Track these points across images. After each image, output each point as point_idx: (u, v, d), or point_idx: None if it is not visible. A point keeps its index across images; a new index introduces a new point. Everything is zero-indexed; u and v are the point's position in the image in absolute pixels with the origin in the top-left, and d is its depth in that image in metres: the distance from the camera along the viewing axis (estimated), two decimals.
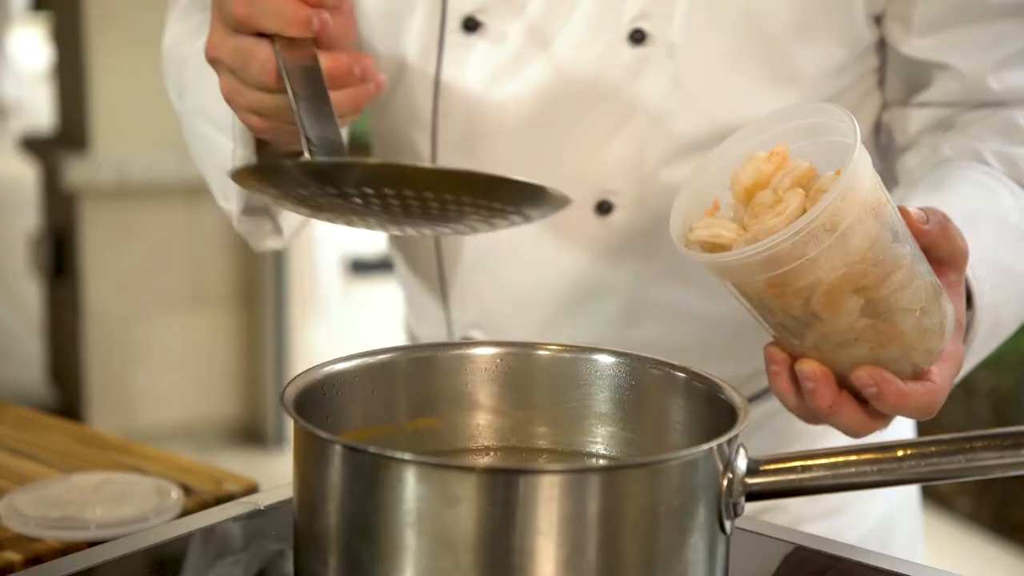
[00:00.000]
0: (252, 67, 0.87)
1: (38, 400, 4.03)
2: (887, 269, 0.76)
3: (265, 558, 0.84)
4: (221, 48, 0.89)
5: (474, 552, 0.65)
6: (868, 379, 0.79)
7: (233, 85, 0.90)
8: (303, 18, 0.85)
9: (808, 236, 0.74)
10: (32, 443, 1.14)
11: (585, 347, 0.83)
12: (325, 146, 0.84)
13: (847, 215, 0.74)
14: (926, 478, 0.73)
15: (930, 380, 0.81)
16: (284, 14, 0.85)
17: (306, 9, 0.85)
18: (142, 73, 3.53)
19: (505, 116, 1.02)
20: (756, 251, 0.75)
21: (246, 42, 0.87)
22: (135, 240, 3.76)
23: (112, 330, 3.78)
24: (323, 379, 0.78)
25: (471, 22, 1.02)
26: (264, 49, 0.87)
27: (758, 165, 0.79)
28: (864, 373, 0.79)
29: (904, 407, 0.80)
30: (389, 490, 0.65)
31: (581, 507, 0.65)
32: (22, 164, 5.37)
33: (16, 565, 0.91)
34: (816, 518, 1.12)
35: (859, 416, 0.81)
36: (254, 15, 0.86)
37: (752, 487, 0.72)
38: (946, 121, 1.06)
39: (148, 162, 3.67)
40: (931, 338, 0.80)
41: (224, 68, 0.90)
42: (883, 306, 0.77)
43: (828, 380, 0.80)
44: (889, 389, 0.79)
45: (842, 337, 0.78)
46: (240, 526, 0.87)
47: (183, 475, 1.06)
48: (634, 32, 1.00)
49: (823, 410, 0.80)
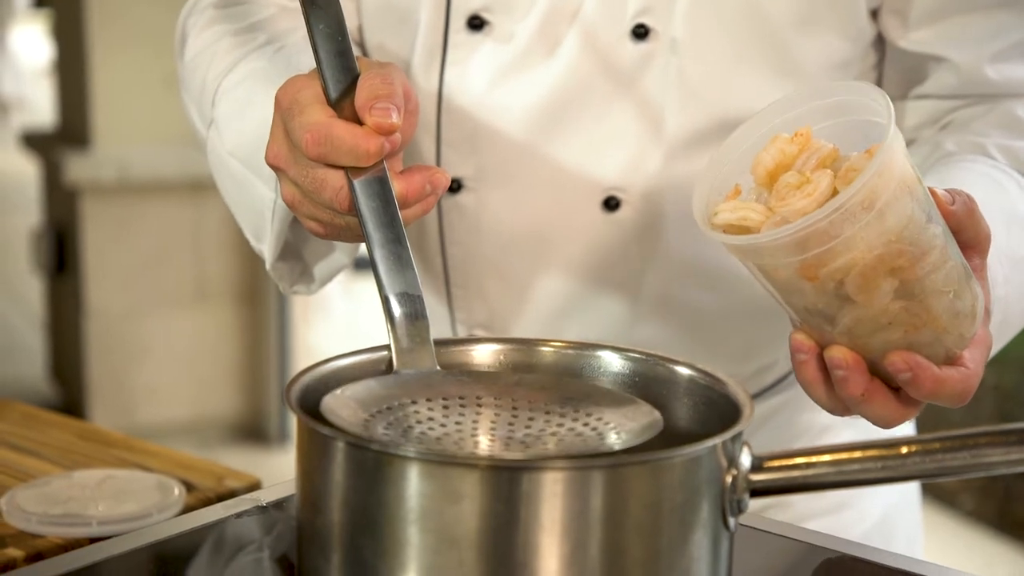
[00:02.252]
0: (324, 194, 0.83)
1: (40, 397, 4.04)
2: (922, 249, 0.75)
3: (267, 555, 0.84)
4: (288, 166, 0.85)
5: (477, 548, 0.65)
6: (902, 364, 0.76)
7: (298, 197, 0.86)
8: (376, 150, 0.81)
9: (845, 214, 0.72)
10: (34, 439, 1.14)
11: (588, 344, 0.83)
12: (403, 304, 0.80)
13: (884, 192, 0.73)
14: (930, 474, 0.73)
15: (963, 365, 0.79)
16: (357, 151, 0.81)
17: (378, 140, 0.81)
18: (144, 69, 3.54)
19: (510, 114, 1.02)
20: (791, 231, 0.73)
21: (317, 171, 0.83)
22: (137, 236, 3.76)
23: (114, 327, 3.78)
24: (327, 375, 0.78)
25: (476, 20, 1.02)
26: (336, 178, 0.82)
27: (781, 147, 0.78)
28: (898, 358, 0.76)
29: (940, 393, 0.78)
30: (392, 486, 0.65)
31: (585, 503, 0.65)
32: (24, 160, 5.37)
33: (18, 561, 0.91)
34: (819, 515, 1.12)
35: (891, 404, 0.79)
36: (327, 154, 0.81)
37: (756, 483, 0.72)
38: (944, 116, 1.05)
39: (149, 158, 3.67)
40: (963, 322, 0.78)
41: (288, 179, 0.86)
42: (917, 288, 0.75)
43: (860, 367, 0.77)
44: (924, 375, 0.76)
45: (875, 322, 0.76)
46: (242, 523, 0.86)
47: (185, 472, 1.06)
48: (637, 28, 1.00)
49: (854, 398, 0.78)
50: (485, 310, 1.09)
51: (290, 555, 0.81)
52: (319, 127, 0.81)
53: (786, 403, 1.13)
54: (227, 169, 1.03)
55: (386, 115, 0.81)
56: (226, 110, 1.02)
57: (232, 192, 1.04)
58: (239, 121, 1.01)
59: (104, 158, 3.66)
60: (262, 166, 0.96)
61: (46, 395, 4.13)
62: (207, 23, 1.09)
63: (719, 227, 0.78)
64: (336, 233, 0.88)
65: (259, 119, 0.95)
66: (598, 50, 1.00)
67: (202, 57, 1.07)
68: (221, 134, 1.03)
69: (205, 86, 1.05)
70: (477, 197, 1.05)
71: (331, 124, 0.81)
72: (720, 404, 0.77)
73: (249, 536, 0.86)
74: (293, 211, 0.88)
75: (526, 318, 1.07)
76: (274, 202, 0.98)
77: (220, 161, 1.04)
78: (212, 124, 1.04)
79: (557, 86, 1.01)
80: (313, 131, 0.81)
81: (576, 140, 1.02)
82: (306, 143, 0.81)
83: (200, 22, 1.10)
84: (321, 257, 1.06)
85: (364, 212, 0.82)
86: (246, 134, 0.99)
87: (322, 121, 0.81)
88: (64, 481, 1.02)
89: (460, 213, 1.06)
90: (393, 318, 0.80)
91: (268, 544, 0.85)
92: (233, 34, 1.06)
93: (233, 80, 1.02)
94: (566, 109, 1.02)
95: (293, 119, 0.82)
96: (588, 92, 1.01)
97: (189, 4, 1.13)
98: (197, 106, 1.08)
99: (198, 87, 1.07)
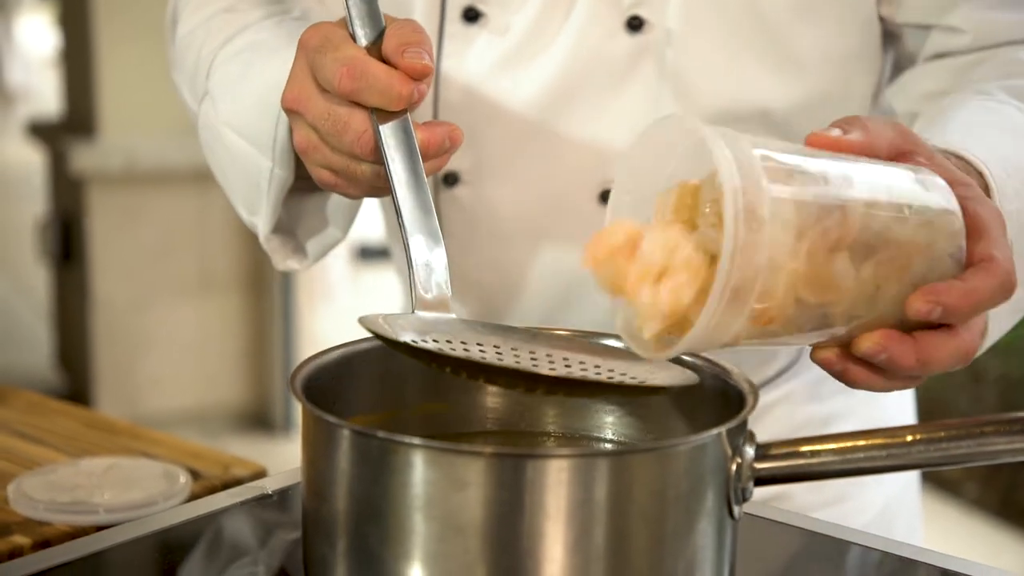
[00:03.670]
0: (346, 136, 0.83)
1: (46, 385, 4.04)
2: (841, 211, 0.67)
3: (273, 543, 0.84)
4: (308, 106, 0.84)
5: (482, 536, 0.65)
6: (924, 304, 0.69)
7: (313, 142, 0.86)
8: (408, 94, 0.81)
9: (744, 249, 0.64)
10: (40, 427, 1.15)
11: (593, 332, 0.83)
12: (425, 249, 0.82)
13: (759, 201, 0.65)
14: (935, 463, 0.73)
15: (984, 260, 0.72)
16: (390, 91, 0.81)
17: (411, 84, 0.82)
18: (150, 58, 3.54)
19: (506, 107, 1.02)
20: (704, 328, 0.66)
21: (341, 110, 0.83)
22: (143, 226, 3.76)
23: (120, 316, 3.78)
24: (331, 364, 0.78)
25: (471, 12, 1.01)
26: (361, 120, 0.82)
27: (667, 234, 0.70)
28: (917, 302, 0.69)
29: (978, 299, 0.70)
30: (397, 474, 0.65)
31: (589, 492, 0.65)
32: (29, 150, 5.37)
33: (25, 548, 0.91)
34: (819, 507, 1.11)
35: (950, 343, 0.71)
36: (359, 90, 0.81)
37: (761, 472, 0.72)
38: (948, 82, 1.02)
39: (156, 148, 3.67)
40: (942, 220, 0.70)
41: (305, 123, 0.86)
42: (868, 238, 0.68)
43: (894, 339, 0.70)
44: (951, 297, 0.69)
45: (865, 295, 0.69)
46: (248, 510, 0.87)
47: (191, 460, 1.07)
48: (632, 19, 0.99)
49: (913, 367, 0.71)
50: (480, 302, 1.09)
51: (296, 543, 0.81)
52: (356, 61, 0.82)
53: (787, 396, 1.12)
54: (221, 141, 1.02)
55: (419, 57, 0.82)
56: (222, 80, 1.02)
57: (225, 164, 1.04)
58: (237, 88, 1.00)
59: (110, 148, 3.66)
60: (259, 135, 0.96)
61: (52, 384, 4.14)
62: (200, 3, 1.09)
63: (652, 342, 0.70)
64: (347, 184, 0.87)
65: (260, 86, 0.95)
66: (593, 42, 1.00)
67: (195, 35, 1.07)
68: (216, 104, 1.02)
69: (200, 60, 1.05)
70: (473, 190, 1.05)
71: (367, 60, 0.82)
72: (724, 393, 0.77)
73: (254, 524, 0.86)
74: (304, 159, 0.88)
75: (522, 311, 1.07)
76: (270, 171, 0.97)
77: (214, 133, 1.03)
78: (206, 96, 1.04)
79: (553, 79, 1.01)
80: (350, 64, 0.81)
81: (572, 133, 1.02)
82: (341, 76, 0.81)
83: (192, 2, 1.10)
84: (315, 233, 1.05)
85: (389, 155, 0.82)
86: (244, 101, 0.98)
87: (358, 56, 0.82)
88: (70, 469, 1.02)
89: (457, 206, 1.06)
90: (413, 265, 0.81)
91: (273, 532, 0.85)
92: (227, 11, 1.06)
93: (230, 51, 1.02)
94: (562, 102, 1.01)
95: (326, 55, 0.83)
96: (584, 85, 1.01)
97: None
98: (190, 82, 1.08)
99: (191, 63, 1.07)
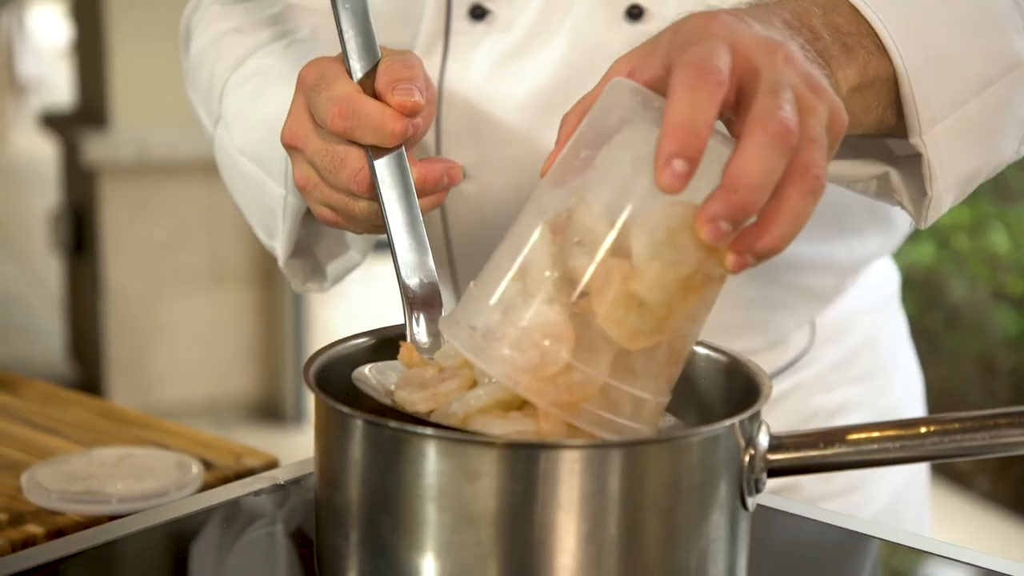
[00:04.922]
0: (343, 173, 0.83)
1: (59, 376, 4.06)
2: (581, 238, 0.65)
3: (286, 533, 0.85)
4: (306, 143, 0.84)
5: (495, 527, 0.65)
6: (708, 232, 0.61)
7: (312, 179, 0.86)
8: (400, 131, 0.81)
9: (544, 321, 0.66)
10: (54, 418, 1.15)
11: None
12: (420, 290, 0.82)
13: (534, 276, 0.66)
14: (949, 455, 0.73)
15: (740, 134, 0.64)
16: (383, 128, 0.81)
17: (403, 121, 0.82)
18: (162, 50, 3.54)
19: (511, 102, 1.01)
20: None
21: (338, 148, 0.83)
22: (155, 217, 3.77)
23: (132, 307, 3.79)
24: (345, 354, 0.78)
25: (478, 10, 1.01)
26: (357, 157, 0.82)
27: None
28: (703, 232, 0.62)
29: (751, 180, 0.61)
30: (410, 465, 0.65)
31: (602, 483, 0.65)
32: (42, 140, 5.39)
33: (38, 538, 0.91)
34: (829, 497, 1.11)
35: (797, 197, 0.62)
36: (351, 128, 0.81)
37: (774, 463, 0.72)
38: None
39: (168, 139, 3.68)
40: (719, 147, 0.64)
41: (304, 160, 0.86)
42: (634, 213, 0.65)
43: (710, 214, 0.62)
44: (720, 204, 0.61)
45: (677, 273, 0.64)
46: (260, 501, 0.87)
47: (203, 450, 1.07)
48: (632, 8, 0.99)
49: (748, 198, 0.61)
50: None
51: (308, 533, 0.81)
52: (347, 100, 0.81)
53: (797, 387, 1.12)
54: (236, 167, 1.03)
55: (409, 94, 0.81)
56: (234, 106, 1.02)
57: (242, 189, 1.04)
58: (248, 117, 1.00)
59: (122, 139, 3.67)
60: (272, 162, 0.96)
61: (65, 375, 4.15)
62: (212, 19, 1.09)
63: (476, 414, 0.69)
64: (347, 221, 0.87)
65: (269, 114, 0.95)
66: (594, 33, 0.99)
67: (208, 52, 1.07)
68: (229, 130, 1.02)
69: (212, 81, 1.05)
70: (479, 185, 1.04)
71: (359, 99, 0.82)
72: (736, 383, 0.77)
73: (267, 514, 0.86)
74: (305, 196, 0.88)
75: None
76: (284, 198, 0.97)
77: (229, 158, 1.04)
78: (220, 120, 1.04)
79: (556, 72, 1.00)
80: (341, 103, 0.81)
81: None
82: (333, 115, 0.81)
83: (206, 17, 1.10)
84: (334, 256, 1.06)
85: (384, 193, 0.82)
86: (256, 130, 0.98)
87: (351, 95, 0.82)
88: (83, 459, 1.02)
89: (463, 201, 1.06)
90: (412, 305, 0.81)
91: (286, 522, 0.85)
92: (239, 30, 1.06)
93: (240, 76, 1.02)
94: (565, 94, 1.00)
95: (320, 93, 0.83)
96: (585, 76, 1.00)
97: (193, 1, 1.13)
98: (204, 102, 1.08)
99: (205, 82, 1.07)
